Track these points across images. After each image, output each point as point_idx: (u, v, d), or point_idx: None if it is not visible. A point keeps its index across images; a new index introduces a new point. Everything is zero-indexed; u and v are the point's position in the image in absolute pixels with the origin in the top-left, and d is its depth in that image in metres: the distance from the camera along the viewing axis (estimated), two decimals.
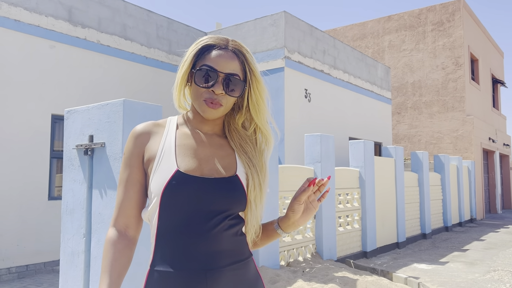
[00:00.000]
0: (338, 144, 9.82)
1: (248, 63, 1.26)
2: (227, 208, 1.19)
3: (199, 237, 1.15)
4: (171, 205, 1.15)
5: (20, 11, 6.51)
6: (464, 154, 14.63)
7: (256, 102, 1.27)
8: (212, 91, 1.19)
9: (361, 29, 17.51)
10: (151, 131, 1.26)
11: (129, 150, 1.25)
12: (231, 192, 1.19)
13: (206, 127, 1.28)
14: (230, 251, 1.19)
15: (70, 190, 3.47)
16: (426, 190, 9.97)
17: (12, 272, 6.07)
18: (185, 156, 1.21)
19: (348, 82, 10.93)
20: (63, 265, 3.42)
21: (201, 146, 1.25)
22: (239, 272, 1.20)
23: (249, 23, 9.16)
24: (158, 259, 1.17)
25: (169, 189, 1.15)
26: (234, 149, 1.28)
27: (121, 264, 1.19)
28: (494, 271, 6.46)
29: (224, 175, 1.21)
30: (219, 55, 1.23)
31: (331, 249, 6.44)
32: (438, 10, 15.70)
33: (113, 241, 1.21)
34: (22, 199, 6.29)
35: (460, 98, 15.00)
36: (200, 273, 1.13)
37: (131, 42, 8.16)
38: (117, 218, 1.24)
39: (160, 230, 1.18)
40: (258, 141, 1.32)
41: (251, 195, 1.23)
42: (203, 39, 1.26)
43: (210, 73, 1.20)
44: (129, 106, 3.19)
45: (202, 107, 1.21)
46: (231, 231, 1.20)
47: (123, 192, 1.24)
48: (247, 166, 1.25)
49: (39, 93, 6.66)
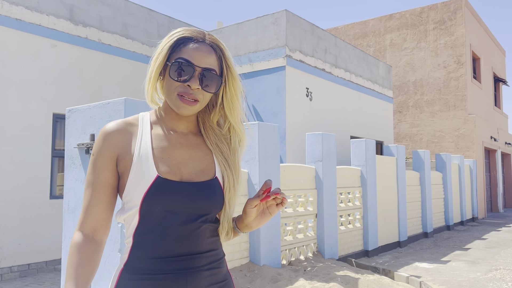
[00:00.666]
0: (340, 143, 9.81)
1: (226, 59, 1.21)
2: (207, 211, 1.18)
3: (179, 240, 1.14)
4: (151, 211, 1.13)
5: (22, 10, 6.51)
6: (466, 153, 14.60)
7: (230, 99, 1.24)
8: (188, 85, 1.14)
9: (362, 28, 17.48)
10: (124, 131, 1.20)
11: (99, 150, 1.19)
12: (212, 195, 1.18)
13: (181, 125, 1.24)
14: (208, 251, 1.19)
15: (71, 189, 3.47)
16: (427, 189, 9.96)
17: (14, 271, 6.08)
18: (163, 160, 1.17)
19: (349, 81, 10.91)
20: (65, 264, 3.43)
21: (178, 147, 1.21)
22: (215, 271, 1.20)
23: (250, 21, 9.15)
24: (135, 261, 1.14)
25: (150, 195, 1.12)
26: (210, 149, 1.25)
27: (87, 270, 1.14)
28: (496, 270, 6.45)
29: (203, 179, 1.19)
30: (196, 48, 1.17)
31: (332, 248, 6.43)
32: (439, 9, 15.66)
33: (79, 245, 1.15)
34: (23, 198, 6.29)
35: (461, 96, 14.97)
36: (180, 274, 1.12)
37: (132, 41, 8.16)
38: (84, 222, 1.18)
39: (138, 233, 1.15)
40: (232, 140, 1.28)
41: (226, 196, 1.21)
42: (178, 31, 1.20)
43: (186, 67, 1.14)
44: (130, 104, 3.18)
45: (176, 102, 1.16)
46: (209, 233, 1.19)
47: (91, 194, 1.18)
48: (223, 167, 1.23)
49: (41, 92, 6.67)
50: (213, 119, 1.27)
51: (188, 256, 1.14)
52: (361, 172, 7.43)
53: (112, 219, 1.25)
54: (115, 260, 3.08)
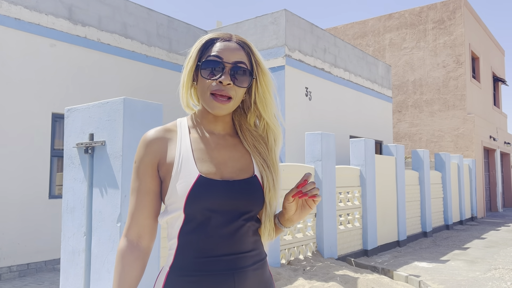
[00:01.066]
0: (339, 143, 9.81)
1: (254, 55, 1.23)
2: (248, 209, 1.19)
3: (224, 239, 1.15)
4: (195, 210, 1.14)
5: (20, 9, 6.50)
6: (465, 152, 14.61)
7: (263, 95, 1.25)
8: (220, 82, 1.16)
9: (361, 27, 17.48)
10: (163, 138, 1.22)
11: (141, 158, 1.21)
12: (252, 193, 1.19)
13: (218, 127, 1.26)
14: (252, 251, 1.20)
15: (70, 189, 3.47)
16: (427, 189, 9.96)
17: (13, 271, 6.07)
18: (204, 160, 1.19)
19: (348, 81, 10.91)
20: (64, 263, 3.42)
21: (217, 149, 1.23)
22: (259, 272, 1.21)
23: (250, 21, 9.15)
24: (181, 262, 1.16)
25: (193, 194, 1.13)
26: (248, 150, 1.26)
27: (131, 277, 1.17)
28: (495, 269, 6.46)
29: (243, 177, 1.20)
30: (224, 45, 1.20)
31: (331, 247, 6.43)
32: (439, 8, 15.67)
33: (123, 252, 1.19)
34: (22, 197, 6.29)
35: (461, 96, 14.98)
36: (227, 274, 1.14)
37: (131, 40, 8.15)
38: (130, 228, 1.21)
39: (183, 234, 1.16)
40: (269, 139, 1.30)
41: (267, 196, 1.22)
42: (206, 35, 1.24)
43: (216, 64, 1.17)
44: (129, 104, 3.18)
45: (210, 103, 1.18)
46: (252, 232, 1.21)
47: (135, 201, 1.21)
48: (261, 167, 1.24)
49: (40, 92, 6.66)
50: (249, 120, 1.28)
51: (233, 256, 1.15)
52: (360, 172, 7.43)
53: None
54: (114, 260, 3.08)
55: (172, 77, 8.90)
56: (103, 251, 3.17)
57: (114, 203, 3.13)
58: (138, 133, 3.23)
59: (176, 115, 8.74)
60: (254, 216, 1.21)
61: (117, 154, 3.16)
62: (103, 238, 3.18)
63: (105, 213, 3.19)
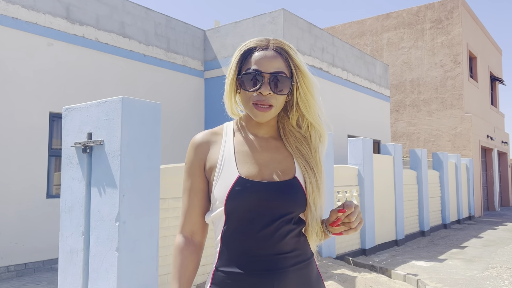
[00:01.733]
0: (337, 142, 9.82)
1: (292, 59, 1.25)
2: (288, 211, 1.21)
3: (263, 240, 1.18)
4: (235, 210, 1.19)
5: (18, 8, 6.48)
6: (463, 151, 14.64)
7: (305, 97, 1.27)
8: (260, 93, 1.20)
9: (359, 27, 17.50)
10: (209, 140, 1.30)
11: (190, 160, 1.30)
12: (292, 195, 1.21)
13: (261, 131, 1.30)
14: (294, 251, 1.22)
15: (68, 188, 3.46)
16: (424, 188, 9.98)
17: (11, 271, 6.06)
18: (245, 162, 1.24)
19: (346, 80, 10.92)
20: (62, 263, 3.42)
21: (259, 151, 1.27)
22: (303, 272, 1.23)
23: (248, 20, 9.15)
24: (224, 261, 1.21)
25: (232, 194, 1.18)
26: (291, 152, 1.29)
27: (189, 270, 1.26)
28: (492, 268, 6.48)
29: (284, 179, 1.23)
30: (262, 55, 1.23)
31: (330, 246, 6.44)
32: (436, 8, 15.69)
33: (180, 248, 1.28)
34: (20, 197, 6.27)
35: (458, 95, 15.01)
36: (267, 274, 1.17)
37: (129, 39, 8.14)
38: (184, 225, 1.30)
39: (226, 233, 1.21)
40: (313, 137, 1.32)
41: (310, 197, 1.24)
42: (245, 44, 1.27)
43: (255, 76, 1.21)
44: (127, 103, 3.18)
45: (253, 111, 1.22)
46: (294, 233, 1.23)
47: (187, 200, 1.30)
48: (303, 169, 1.26)
49: (37, 91, 6.64)
50: (292, 120, 1.31)
51: (273, 256, 1.18)
52: (358, 171, 7.44)
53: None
54: (112, 259, 3.08)
55: (170, 76, 8.89)
56: (101, 250, 3.17)
57: (112, 202, 3.13)
58: (136, 132, 3.23)
59: (174, 114, 8.74)
60: (295, 217, 1.24)
61: (115, 154, 3.15)
62: (102, 237, 3.17)
63: (103, 212, 3.18)
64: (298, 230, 1.24)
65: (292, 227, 1.22)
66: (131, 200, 3.17)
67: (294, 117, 1.31)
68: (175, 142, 8.58)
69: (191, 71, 9.36)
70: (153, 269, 3.30)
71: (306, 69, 1.26)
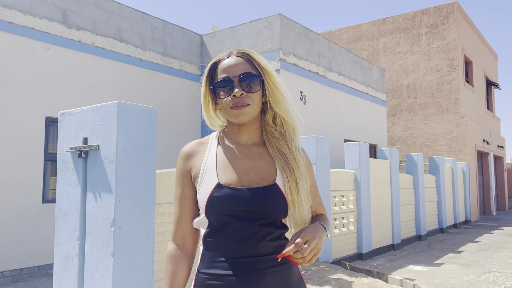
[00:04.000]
0: (334, 146, 9.83)
1: (255, 60, 1.32)
2: (266, 216, 1.24)
3: (241, 243, 1.23)
4: (214, 215, 1.24)
5: (14, 13, 6.48)
6: (459, 156, 14.69)
7: (272, 93, 1.33)
8: (234, 96, 1.26)
9: (356, 32, 17.57)
10: (195, 150, 1.36)
11: (179, 169, 1.37)
12: (269, 201, 1.25)
13: (244, 137, 1.35)
14: (273, 254, 1.25)
15: (64, 193, 3.45)
16: (421, 192, 10.00)
17: (6, 276, 6.02)
18: (225, 169, 1.29)
19: (343, 85, 10.95)
20: (57, 268, 3.40)
21: (240, 158, 1.31)
22: (282, 274, 1.26)
23: (245, 25, 9.17)
24: (206, 263, 1.26)
25: (211, 200, 1.24)
26: (271, 154, 1.33)
27: (180, 276, 1.30)
28: (489, 273, 6.48)
29: (262, 185, 1.27)
30: (227, 63, 1.30)
31: (326, 251, 6.43)
32: (432, 13, 15.79)
33: (172, 255, 1.33)
34: (16, 202, 6.24)
35: (454, 100, 15.08)
36: (245, 275, 1.21)
37: (126, 44, 8.14)
38: (175, 233, 1.35)
39: (207, 237, 1.27)
40: (287, 132, 1.37)
41: (289, 199, 1.28)
42: (210, 62, 1.35)
43: (225, 83, 1.28)
44: (123, 108, 3.17)
45: (231, 114, 1.27)
46: (273, 236, 1.26)
47: (178, 208, 1.35)
48: (282, 169, 1.30)
49: (33, 96, 6.63)
50: (268, 119, 1.36)
51: (251, 258, 1.22)
52: (355, 175, 7.45)
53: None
54: (108, 265, 3.07)
55: (167, 81, 8.90)
56: (96, 256, 3.15)
57: (108, 207, 3.12)
58: (132, 137, 3.22)
59: (171, 118, 8.74)
60: (275, 222, 1.27)
61: (111, 159, 3.14)
62: (97, 243, 3.16)
63: (99, 217, 3.17)
64: (277, 234, 1.27)
65: (271, 230, 1.26)
66: (126, 205, 3.16)
67: (270, 115, 1.36)
68: (171, 147, 8.57)
69: (188, 75, 9.37)
70: (149, 275, 3.29)
71: (270, 67, 1.33)
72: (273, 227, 1.26)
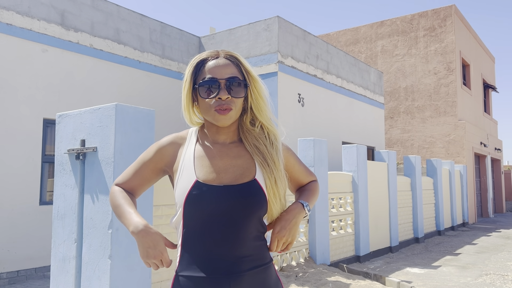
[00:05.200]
0: (331, 148, 9.84)
1: (243, 65, 1.30)
2: (247, 213, 1.22)
3: (220, 243, 1.20)
4: (193, 214, 1.21)
5: (12, 14, 6.47)
6: (456, 158, 14.72)
7: (256, 100, 1.32)
8: (219, 98, 1.24)
9: (354, 34, 17.61)
10: (174, 144, 1.35)
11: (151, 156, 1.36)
12: (250, 196, 1.23)
13: (222, 136, 1.33)
14: (252, 255, 1.23)
15: (61, 195, 3.45)
16: (418, 194, 10.01)
17: (2, 278, 6.00)
18: (203, 167, 1.27)
19: (341, 87, 10.97)
20: (54, 270, 3.39)
21: (218, 157, 1.29)
22: (260, 276, 1.24)
23: (243, 27, 9.19)
24: (184, 265, 1.23)
25: (190, 198, 1.21)
26: (249, 150, 1.31)
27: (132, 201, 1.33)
28: (486, 275, 6.49)
29: (242, 181, 1.25)
30: (215, 64, 1.27)
31: (324, 253, 6.44)
32: (430, 16, 15.84)
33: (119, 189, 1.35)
34: (13, 203, 6.23)
35: (452, 103, 15.12)
36: (223, 277, 1.18)
37: (124, 46, 8.14)
38: (123, 183, 1.37)
39: (185, 237, 1.24)
40: (269, 138, 1.35)
41: (270, 193, 1.27)
42: (195, 57, 1.33)
43: (212, 83, 1.25)
44: (121, 110, 3.17)
45: (215, 117, 1.25)
46: (252, 237, 1.24)
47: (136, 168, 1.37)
48: (261, 166, 1.29)
49: (31, 97, 6.62)
50: (245, 120, 1.35)
51: (230, 260, 1.20)
52: (352, 178, 7.46)
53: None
54: (105, 267, 3.06)
55: (165, 83, 8.90)
56: (94, 258, 3.15)
57: (105, 209, 3.12)
58: (130, 139, 3.22)
59: (169, 121, 8.73)
60: (255, 220, 1.25)
61: (108, 160, 3.14)
62: (94, 245, 3.16)
63: (96, 219, 3.17)
64: (257, 234, 1.26)
65: (251, 231, 1.24)
66: None
67: (248, 118, 1.35)
68: None
69: None
70: (146, 277, 3.28)
71: (256, 75, 1.32)
72: (253, 227, 1.24)
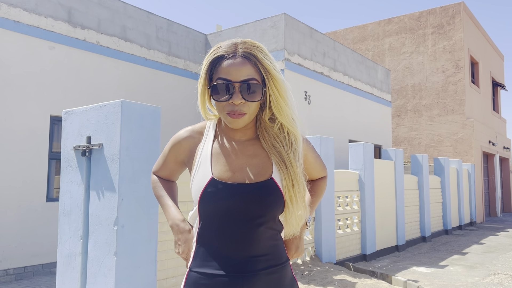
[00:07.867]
0: (338, 147, 9.80)
1: (261, 63, 1.21)
2: (262, 213, 1.19)
3: (235, 242, 1.18)
4: (208, 212, 1.20)
5: (20, 12, 6.50)
6: (464, 157, 14.60)
7: (276, 100, 1.23)
8: (232, 102, 1.18)
9: (361, 32, 17.51)
10: (193, 138, 1.35)
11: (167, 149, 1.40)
12: (266, 196, 1.19)
13: (238, 134, 1.29)
14: (267, 255, 1.20)
15: (67, 192, 3.45)
16: (426, 193, 9.94)
17: (9, 274, 6.04)
18: (220, 164, 1.24)
19: (348, 85, 10.91)
20: (60, 267, 3.40)
21: (235, 155, 1.25)
22: (275, 276, 1.21)
23: (249, 25, 9.16)
24: (197, 261, 1.21)
25: (205, 196, 1.19)
26: (266, 149, 1.26)
27: (174, 190, 1.41)
28: (494, 275, 6.43)
29: (259, 180, 1.21)
30: (230, 64, 1.19)
31: (330, 252, 6.41)
32: (438, 13, 15.71)
33: (161, 179, 1.43)
34: (20, 200, 6.26)
35: (460, 101, 14.99)
36: (236, 276, 1.16)
37: (130, 43, 8.15)
38: (159, 171, 1.44)
39: (200, 233, 1.23)
40: (289, 140, 1.28)
41: (286, 196, 1.22)
42: (212, 51, 1.24)
43: (225, 86, 1.18)
44: (127, 107, 3.17)
45: (227, 119, 1.22)
46: (267, 236, 1.21)
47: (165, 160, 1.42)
48: (278, 166, 1.23)
49: (38, 94, 6.65)
50: (264, 117, 1.28)
51: (244, 259, 1.18)
52: (359, 176, 7.42)
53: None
54: (111, 263, 3.06)
55: (171, 80, 8.90)
56: (99, 254, 3.15)
57: (111, 206, 3.12)
58: (136, 136, 3.22)
59: (174, 117, 8.74)
60: (270, 220, 1.21)
61: (114, 157, 3.14)
62: (100, 241, 3.16)
63: (102, 216, 3.17)
64: (272, 233, 1.22)
65: (266, 229, 1.21)
66: (129, 204, 3.16)
67: (267, 115, 1.27)
68: None
69: (192, 75, 9.37)
70: (152, 274, 3.28)
71: (276, 71, 1.23)
72: (268, 226, 1.21)
